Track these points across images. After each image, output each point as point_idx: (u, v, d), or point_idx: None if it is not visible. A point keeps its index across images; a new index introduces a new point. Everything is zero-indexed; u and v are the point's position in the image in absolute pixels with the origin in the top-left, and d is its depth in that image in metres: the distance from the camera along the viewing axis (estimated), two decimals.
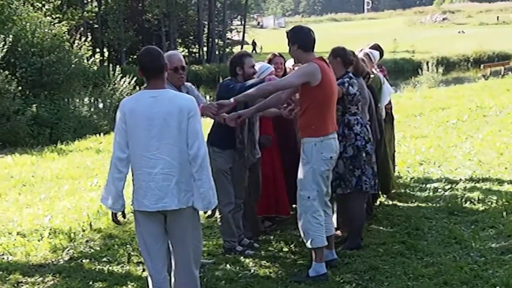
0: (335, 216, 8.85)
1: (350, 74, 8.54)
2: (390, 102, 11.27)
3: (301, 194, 7.65)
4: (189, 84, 8.07)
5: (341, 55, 8.54)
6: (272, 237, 9.26)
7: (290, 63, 9.91)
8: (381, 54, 11.30)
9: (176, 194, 6.01)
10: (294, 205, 10.17)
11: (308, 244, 7.68)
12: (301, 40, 7.55)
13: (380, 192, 10.29)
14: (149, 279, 6.37)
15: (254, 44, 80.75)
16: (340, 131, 8.13)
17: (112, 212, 6.30)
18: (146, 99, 6.01)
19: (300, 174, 7.67)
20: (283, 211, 9.71)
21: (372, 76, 9.96)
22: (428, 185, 11.71)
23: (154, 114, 5.93)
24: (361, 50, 10.67)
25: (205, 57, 72.25)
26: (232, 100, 7.52)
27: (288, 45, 7.62)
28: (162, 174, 5.98)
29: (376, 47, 11.14)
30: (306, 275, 7.66)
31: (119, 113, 6.10)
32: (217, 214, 8.63)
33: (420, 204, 10.54)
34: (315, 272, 7.61)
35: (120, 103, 6.20)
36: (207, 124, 8.48)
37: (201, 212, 6.26)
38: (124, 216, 6.42)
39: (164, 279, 6.36)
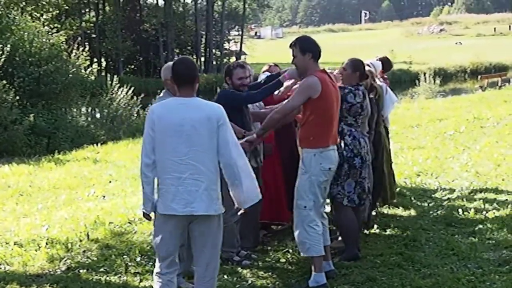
0: None
1: (359, 86, 8.53)
2: None
3: (297, 203, 7.68)
4: None
5: (361, 70, 8.57)
6: (269, 247, 9.24)
7: None
8: (390, 66, 11.36)
9: (205, 199, 6.11)
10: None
11: (303, 253, 7.71)
12: (313, 50, 7.61)
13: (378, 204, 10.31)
14: (155, 278, 6.42)
15: (239, 54, 78.88)
16: None
17: (143, 212, 6.48)
18: (175, 106, 6.14)
19: (297, 184, 7.70)
20: (284, 218, 9.74)
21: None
22: (425, 196, 11.73)
23: (183, 120, 6.04)
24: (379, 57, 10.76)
25: (203, 67, 72.25)
26: (255, 135, 7.83)
27: (294, 54, 7.66)
28: (191, 179, 6.08)
29: (385, 59, 11.20)
30: (306, 285, 7.67)
31: (148, 119, 6.22)
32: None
33: (417, 215, 10.55)
34: (315, 282, 7.61)
35: (149, 109, 6.36)
36: None
37: None
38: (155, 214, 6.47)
39: (169, 282, 6.41)
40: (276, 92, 9.09)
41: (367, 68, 9.43)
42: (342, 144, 8.32)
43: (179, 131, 6.04)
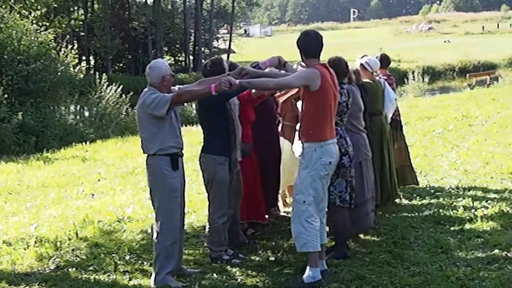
0: None
1: (343, 84, 8.55)
2: (397, 109, 11.50)
3: (296, 198, 7.66)
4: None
5: (335, 67, 8.53)
6: (258, 246, 9.24)
7: None
8: (388, 62, 11.55)
9: None
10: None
11: (299, 248, 7.68)
12: (303, 46, 7.67)
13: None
14: None
15: (227, 52, 77.39)
16: None
17: None
18: None
19: (297, 179, 7.69)
20: (260, 217, 9.75)
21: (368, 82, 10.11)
22: (414, 195, 11.73)
23: None
24: (362, 57, 10.82)
25: (192, 65, 72.14)
26: (237, 81, 7.60)
27: None
28: None
29: (383, 56, 11.42)
30: (301, 281, 7.66)
31: None
32: (207, 224, 8.65)
33: (406, 214, 10.55)
34: (311, 278, 7.60)
35: None
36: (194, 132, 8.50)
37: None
38: None
39: None
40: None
41: (352, 66, 9.47)
42: None
43: None
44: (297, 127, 8.51)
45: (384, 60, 11.58)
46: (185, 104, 8.90)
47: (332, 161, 7.69)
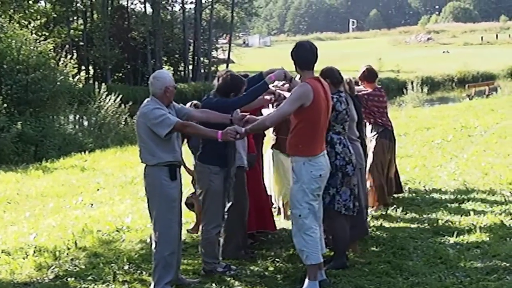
0: None
1: (341, 93, 8.56)
2: (389, 119, 11.56)
3: (293, 212, 7.68)
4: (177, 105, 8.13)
5: (329, 77, 8.54)
6: (257, 255, 9.23)
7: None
8: (375, 76, 11.48)
9: None
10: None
11: (304, 261, 7.72)
12: (297, 57, 7.66)
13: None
14: None
15: (227, 62, 77.93)
16: None
17: None
18: None
19: (290, 193, 7.70)
20: (269, 226, 9.73)
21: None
22: (413, 205, 11.73)
23: None
24: (365, 66, 10.95)
25: (191, 75, 72.16)
26: (243, 130, 7.64)
27: None
28: None
29: (370, 70, 11.37)
30: None
31: None
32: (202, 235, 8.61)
33: (405, 224, 10.55)
34: None
35: None
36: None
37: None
38: None
39: None
40: None
41: (346, 76, 9.51)
42: (334, 153, 8.30)
43: None
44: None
45: (371, 74, 11.34)
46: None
47: (322, 174, 7.67)
